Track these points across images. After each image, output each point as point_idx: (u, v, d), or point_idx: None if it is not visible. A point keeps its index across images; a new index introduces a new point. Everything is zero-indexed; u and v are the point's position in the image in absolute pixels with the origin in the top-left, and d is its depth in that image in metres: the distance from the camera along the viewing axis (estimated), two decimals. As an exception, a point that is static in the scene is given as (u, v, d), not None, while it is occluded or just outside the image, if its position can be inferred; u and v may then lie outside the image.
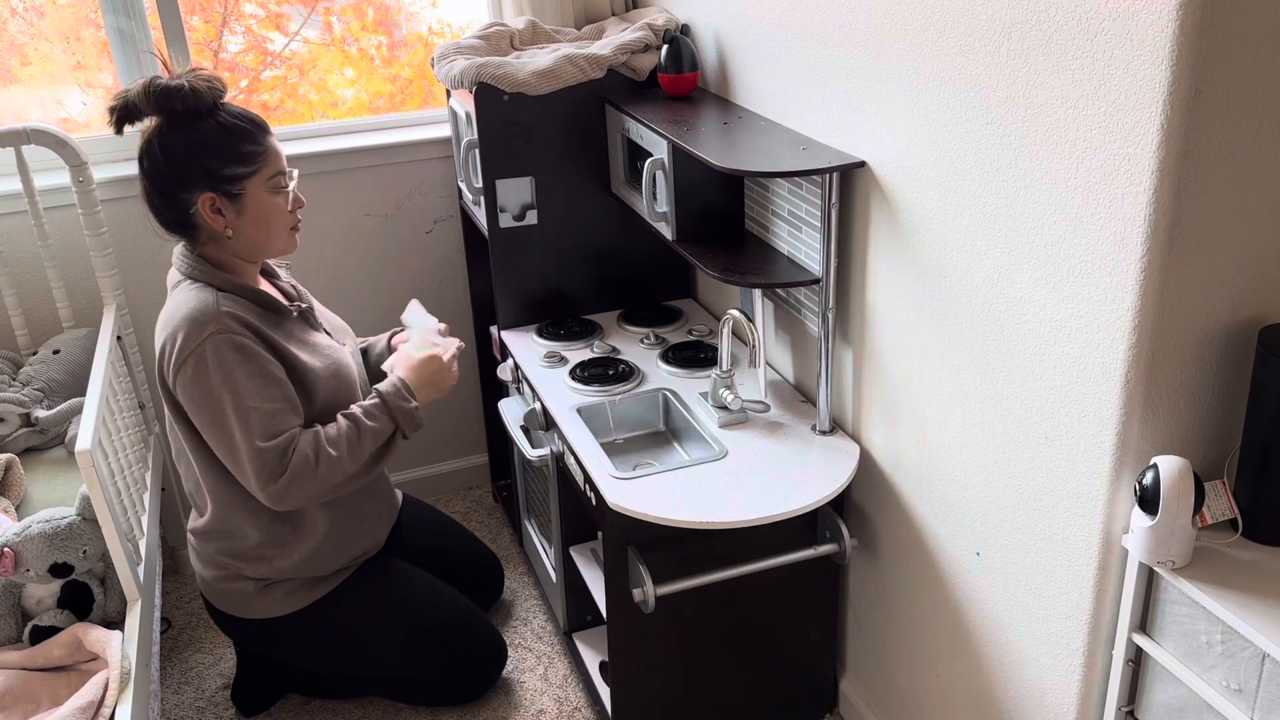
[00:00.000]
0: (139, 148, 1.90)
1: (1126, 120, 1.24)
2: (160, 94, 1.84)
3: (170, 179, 1.88)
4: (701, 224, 2.17)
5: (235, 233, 1.92)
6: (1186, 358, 1.34)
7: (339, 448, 1.92)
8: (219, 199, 1.89)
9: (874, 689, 2.12)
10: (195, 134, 1.86)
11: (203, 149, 1.86)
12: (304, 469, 1.88)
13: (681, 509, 1.81)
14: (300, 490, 1.90)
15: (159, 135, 1.88)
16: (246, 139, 1.89)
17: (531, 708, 2.31)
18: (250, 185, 1.90)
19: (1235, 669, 1.26)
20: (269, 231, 1.95)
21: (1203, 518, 1.35)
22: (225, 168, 1.87)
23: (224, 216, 1.91)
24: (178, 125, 1.87)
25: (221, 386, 1.85)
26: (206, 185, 1.87)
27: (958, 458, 1.69)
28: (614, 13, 2.64)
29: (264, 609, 2.10)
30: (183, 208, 1.89)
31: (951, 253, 1.60)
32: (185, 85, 1.85)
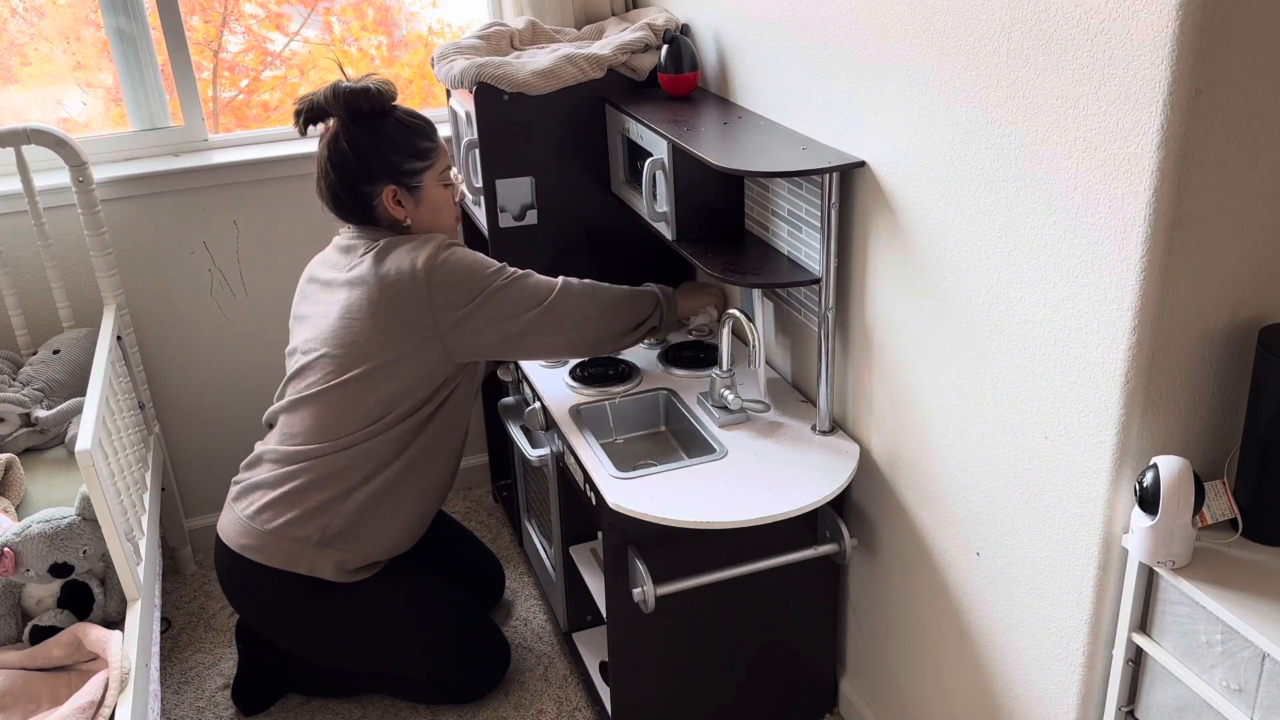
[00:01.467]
0: (323, 145, 2.07)
1: (1126, 120, 1.24)
2: (348, 95, 2.02)
3: (359, 172, 2.05)
4: (701, 224, 2.17)
5: (414, 222, 2.11)
6: (1186, 357, 1.34)
7: (605, 290, 2.12)
8: (400, 191, 2.07)
9: (874, 689, 2.12)
10: (381, 131, 2.04)
11: (388, 145, 2.05)
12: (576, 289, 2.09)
13: (681, 509, 1.81)
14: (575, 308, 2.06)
15: (346, 132, 2.05)
16: (423, 136, 2.08)
17: (531, 708, 2.32)
18: (426, 178, 2.09)
19: (1235, 669, 1.26)
20: (441, 221, 2.14)
21: (1203, 518, 1.35)
22: (406, 162, 2.06)
23: (404, 207, 2.09)
24: (362, 123, 2.05)
25: (475, 263, 2.03)
26: (390, 178, 2.06)
27: (958, 458, 1.69)
28: (614, 13, 2.64)
29: (309, 565, 2.07)
30: (366, 200, 2.08)
31: (951, 252, 1.60)
32: (371, 87, 2.04)
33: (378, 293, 2.00)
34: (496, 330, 2.03)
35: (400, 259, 2.01)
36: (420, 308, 1.99)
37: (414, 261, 1.99)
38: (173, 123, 2.68)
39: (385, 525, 2.12)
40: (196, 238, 2.65)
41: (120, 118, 2.66)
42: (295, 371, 2.12)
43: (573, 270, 2.50)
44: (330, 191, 2.09)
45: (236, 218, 2.67)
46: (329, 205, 2.12)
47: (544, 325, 2.04)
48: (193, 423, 2.80)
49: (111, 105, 2.67)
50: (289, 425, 2.11)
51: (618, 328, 2.13)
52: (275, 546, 2.08)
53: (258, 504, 2.10)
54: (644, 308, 2.16)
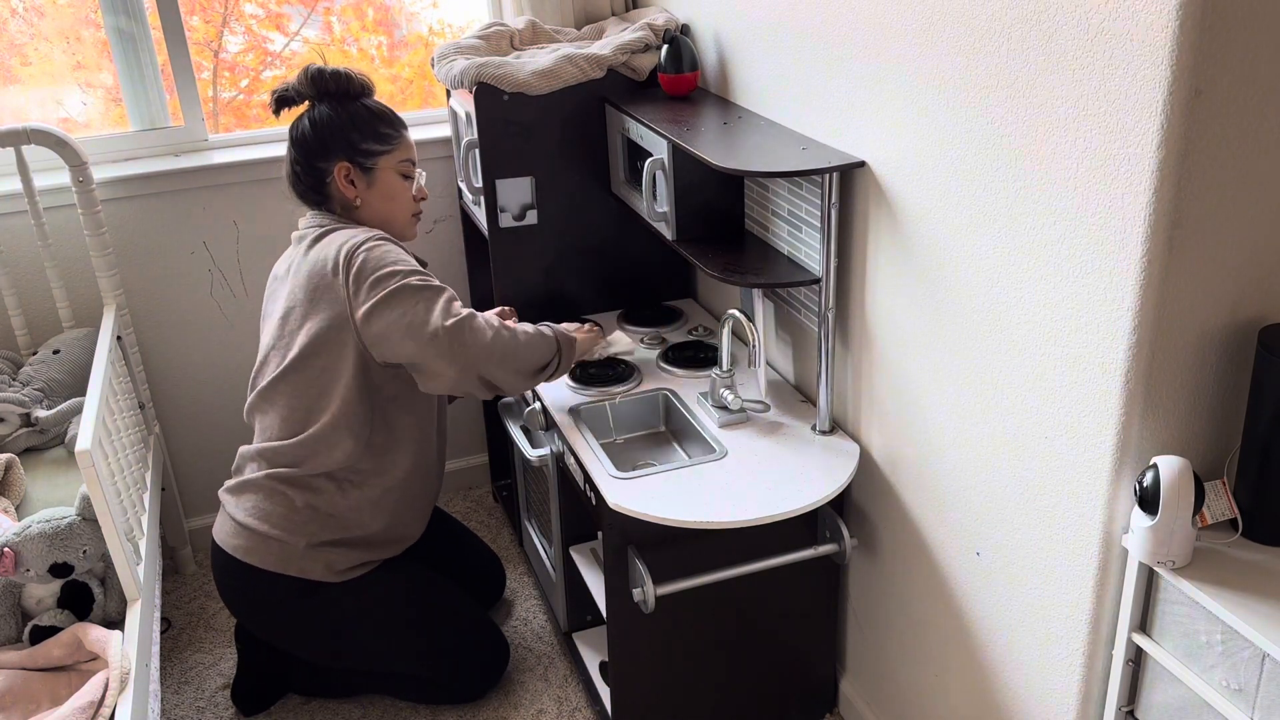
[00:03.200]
0: (292, 127, 2.13)
1: (1126, 120, 1.24)
2: (315, 75, 2.11)
3: (315, 146, 2.10)
4: (701, 224, 2.17)
5: (363, 203, 2.13)
6: (1186, 357, 1.34)
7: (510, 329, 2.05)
8: (353, 170, 2.11)
9: (874, 689, 2.12)
10: (342, 110, 2.11)
11: (347, 123, 2.10)
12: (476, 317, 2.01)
13: (681, 509, 1.81)
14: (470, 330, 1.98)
15: (311, 111, 2.13)
16: (385, 123, 2.13)
17: (531, 708, 2.32)
18: (382, 162, 2.12)
19: (1235, 669, 1.26)
20: (393, 209, 2.16)
21: (1203, 518, 1.35)
22: (363, 142, 2.10)
23: (355, 186, 2.12)
24: (328, 102, 2.12)
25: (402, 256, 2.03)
26: (344, 154, 2.10)
27: (958, 458, 1.69)
28: (614, 13, 2.64)
29: (299, 567, 2.09)
30: (320, 176, 2.11)
31: (951, 252, 1.60)
32: (341, 70, 2.12)
33: (306, 279, 2.03)
34: (400, 334, 1.97)
35: (329, 245, 2.04)
36: (339, 294, 2.00)
37: (339, 248, 2.01)
38: (173, 123, 2.68)
39: (364, 522, 2.12)
40: (196, 238, 2.65)
41: (120, 118, 2.66)
42: (259, 366, 2.14)
43: (573, 270, 2.50)
44: (290, 169, 2.14)
45: (236, 218, 2.67)
46: (289, 183, 2.16)
47: (440, 346, 1.96)
48: (193, 423, 2.80)
49: (111, 105, 2.67)
50: (261, 422, 2.14)
51: (514, 368, 2.04)
52: (266, 548, 2.09)
53: (246, 505, 2.11)
54: (544, 354, 2.09)
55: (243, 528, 2.10)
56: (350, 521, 2.11)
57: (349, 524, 2.11)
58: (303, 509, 2.08)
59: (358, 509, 2.11)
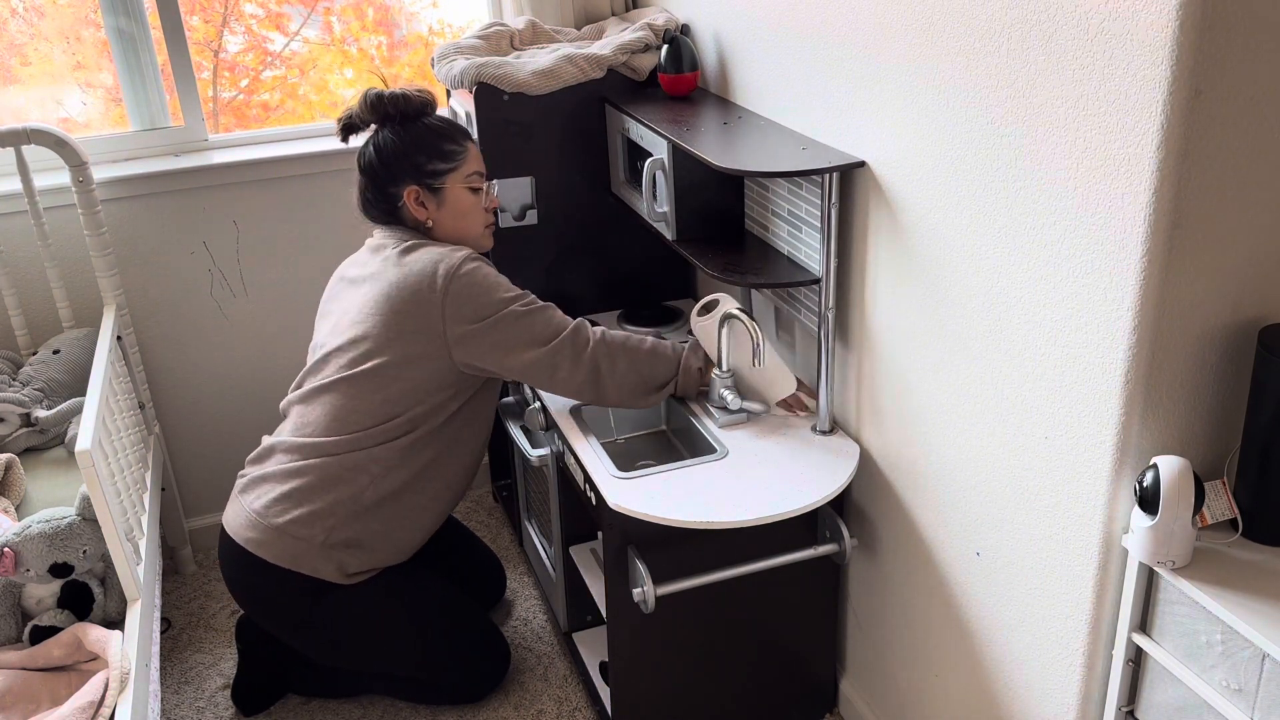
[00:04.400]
0: (359, 154, 2.15)
1: (1126, 120, 1.24)
2: (375, 100, 2.12)
3: (383, 173, 2.12)
4: (701, 224, 2.17)
5: (436, 224, 2.14)
6: (1186, 357, 1.34)
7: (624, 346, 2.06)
8: (423, 192, 2.11)
9: (874, 689, 2.12)
10: (405, 133, 2.11)
11: (411, 145, 2.10)
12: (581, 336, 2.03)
13: (681, 509, 1.81)
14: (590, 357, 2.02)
15: (376, 137, 2.14)
16: (448, 139, 2.12)
17: (531, 708, 2.32)
18: (450, 180, 2.12)
19: (1235, 669, 1.26)
20: (466, 225, 2.15)
21: (1203, 518, 1.35)
22: (429, 163, 2.10)
23: (426, 208, 2.12)
24: (391, 127, 2.12)
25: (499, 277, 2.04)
26: (412, 179, 2.10)
27: (958, 458, 1.69)
28: (614, 13, 2.64)
29: (312, 565, 2.08)
30: (392, 200, 2.13)
31: (951, 252, 1.60)
32: (398, 92, 2.12)
33: (395, 290, 2.01)
34: (502, 357, 2.02)
35: (423, 260, 2.03)
36: (433, 313, 1.99)
37: (436, 266, 2.00)
38: (173, 123, 2.68)
39: (390, 533, 2.12)
40: (196, 238, 2.65)
41: (120, 118, 2.66)
42: (314, 364, 2.13)
43: (573, 270, 2.50)
44: (361, 194, 2.17)
45: (236, 218, 2.67)
46: (360, 208, 2.18)
47: (546, 366, 2.02)
48: (193, 423, 2.80)
49: (111, 105, 2.67)
50: (302, 416, 2.12)
51: (629, 388, 2.06)
52: (280, 543, 2.08)
53: (266, 498, 2.10)
54: (664, 370, 2.09)
55: (259, 520, 2.09)
56: (373, 533, 2.10)
57: (369, 523, 2.10)
58: (327, 507, 2.06)
59: (386, 525, 2.10)
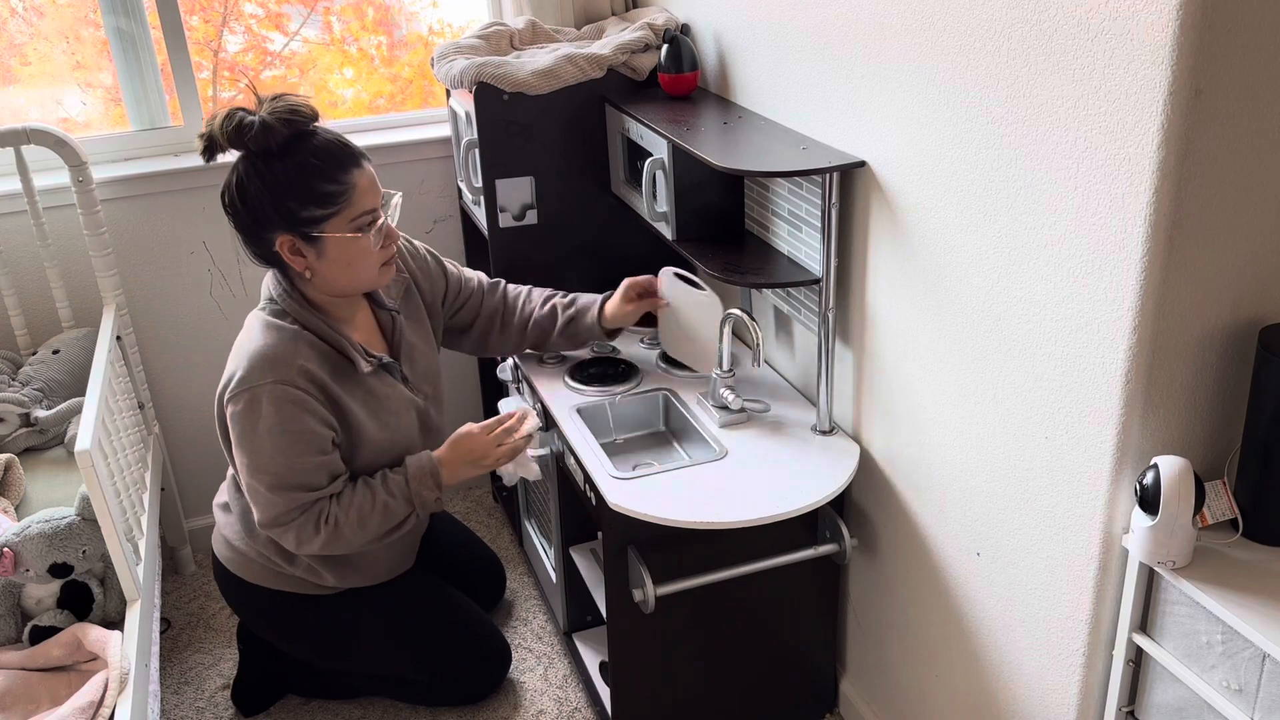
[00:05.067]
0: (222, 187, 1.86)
1: (1126, 120, 1.24)
2: (234, 130, 1.77)
3: (247, 219, 1.83)
4: (701, 224, 2.17)
5: (315, 275, 1.86)
6: (1187, 358, 1.33)
7: (349, 518, 1.91)
8: (297, 241, 1.82)
9: (874, 689, 2.12)
10: (269, 174, 1.78)
11: (277, 190, 1.78)
12: (306, 530, 1.91)
13: (681, 509, 1.81)
14: (295, 542, 1.93)
15: (235, 173, 1.82)
16: (324, 179, 1.79)
17: (531, 708, 2.31)
18: (329, 227, 1.81)
19: (1235, 669, 1.26)
20: (352, 273, 1.87)
21: (1203, 518, 1.35)
22: (301, 210, 1.79)
23: (304, 258, 1.84)
24: (253, 163, 1.80)
25: (265, 433, 1.83)
26: (283, 228, 1.81)
27: (958, 458, 1.69)
28: (614, 12, 2.64)
29: (290, 583, 2.10)
30: (265, 245, 1.85)
31: (951, 252, 1.60)
32: (255, 122, 1.76)
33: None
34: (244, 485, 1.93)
35: (237, 353, 1.89)
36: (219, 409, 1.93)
37: (235, 370, 1.86)
38: (172, 123, 2.67)
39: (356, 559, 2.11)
40: (196, 238, 2.65)
41: (120, 118, 2.66)
42: None
43: (573, 270, 2.50)
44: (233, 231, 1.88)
45: (236, 218, 2.66)
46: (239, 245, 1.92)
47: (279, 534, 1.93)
48: (193, 423, 2.80)
49: (111, 105, 2.67)
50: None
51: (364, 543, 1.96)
52: (257, 567, 2.11)
53: (233, 529, 2.12)
54: (398, 514, 1.95)
55: (235, 544, 2.12)
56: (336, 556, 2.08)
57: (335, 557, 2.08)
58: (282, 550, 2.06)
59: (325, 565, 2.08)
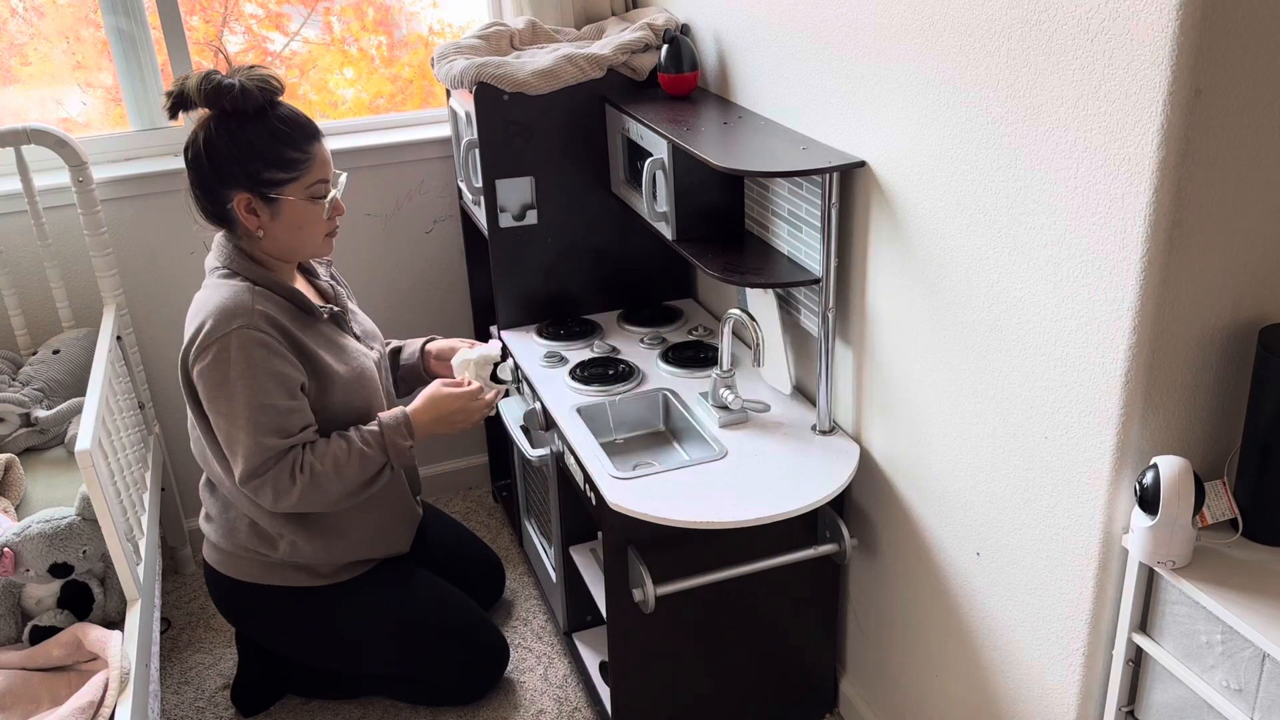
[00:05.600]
0: (187, 138, 1.92)
1: (1126, 120, 1.24)
2: (212, 90, 1.86)
3: (210, 175, 1.90)
4: (701, 224, 2.17)
5: (267, 234, 1.94)
6: (1186, 358, 1.34)
7: (325, 467, 1.93)
8: (255, 200, 1.90)
9: (874, 689, 2.12)
10: (241, 135, 1.87)
11: (245, 151, 1.87)
12: (283, 479, 1.91)
13: (681, 509, 1.81)
14: (273, 495, 1.92)
15: (205, 130, 1.89)
16: (291, 145, 1.90)
17: (531, 708, 2.31)
18: (288, 190, 1.91)
19: (1235, 669, 1.26)
20: (302, 237, 1.97)
21: (1203, 518, 1.35)
22: (265, 171, 1.89)
23: (258, 217, 1.92)
24: (225, 123, 1.88)
25: (238, 379, 1.87)
26: (245, 186, 1.89)
27: (958, 458, 1.69)
28: (614, 13, 2.64)
29: (281, 576, 2.10)
30: (220, 202, 1.92)
31: (951, 252, 1.60)
32: (236, 84, 1.86)
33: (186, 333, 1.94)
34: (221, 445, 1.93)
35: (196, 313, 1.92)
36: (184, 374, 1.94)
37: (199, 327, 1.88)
38: (173, 123, 2.67)
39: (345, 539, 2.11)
40: (196, 238, 2.65)
41: (120, 118, 2.66)
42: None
43: (573, 270, 2.50)
44: (189, 188, 1.95)
45: (236, 218, 2.67)
46: (190, 202, 1.97)
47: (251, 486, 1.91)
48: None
49: (111, 105, 2.67)
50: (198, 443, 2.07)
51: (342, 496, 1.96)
52: (246, 563, 2.10)
53: (217, 525, 2.12)
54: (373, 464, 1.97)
55: (221, 544, 2.12)
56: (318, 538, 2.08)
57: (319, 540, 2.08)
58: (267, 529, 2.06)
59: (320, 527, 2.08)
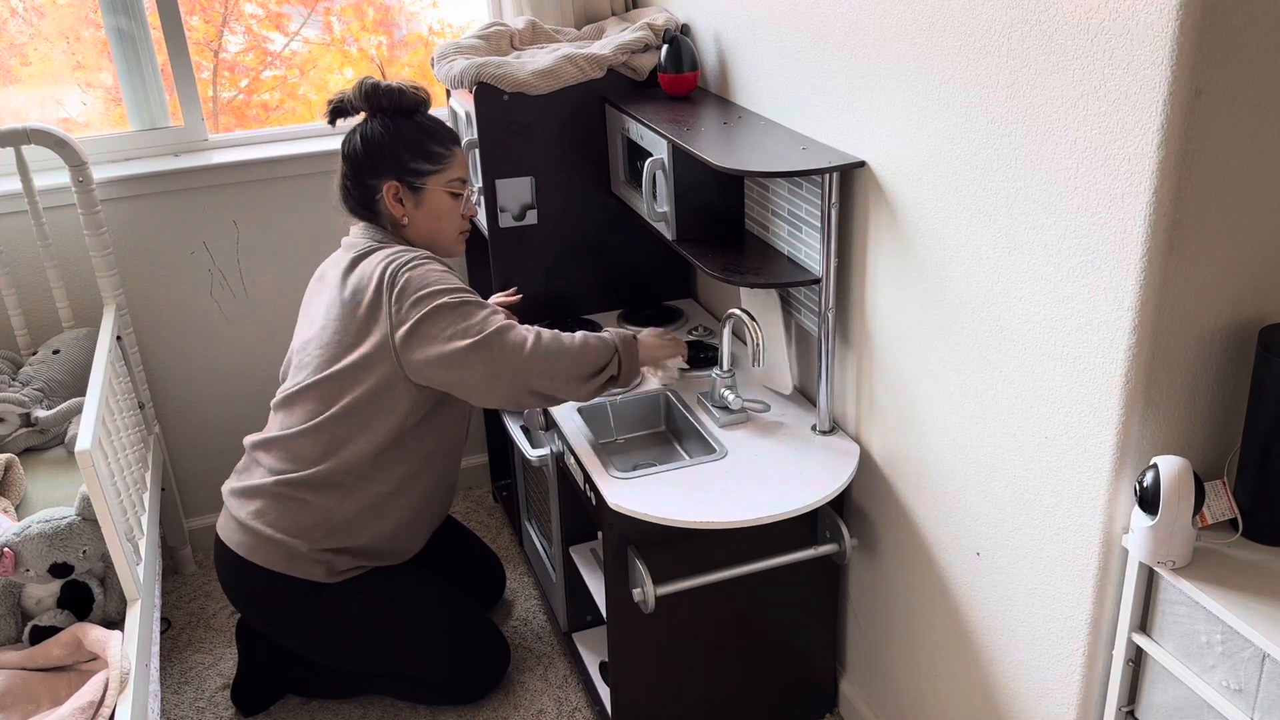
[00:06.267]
0: (344, 137, 2.14)
1: (1126, 120, 1.24)
2: (370, 90, 2.10)
3: (365, 163, 2.09)
4: (701, 224, 2.17)
5: (410, 222, 2.12)
6: (1186, 358, 1.34)
7: (548, 334, 2.00)
8: (402, 188, 2.10)
9: (874, 689, 2.12)
10: (394, 128, 2.09)
11: (398, 141, 2.08)
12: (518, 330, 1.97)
13: (681, 509, 1.81)
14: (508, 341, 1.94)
15: (363, 127, 2.12)
16: (436, 140, 2.10)
17: (531, 708, 2.32)
18: (431, 182, 2.10)
19: (1235, 669, 1.26)
20: (440, 228, 2.14)
21: (1203, 518, 1.35)
22: (413, 161, 2.08)
23: (403, 205, 2.11)
24: (381, 119, 2.10)
25: (440, 278, 2.00)
26: (394, 174, 2.09)
27: (958, 458, 1.69)
28: (614, 13, 2.64)
29: (301, 569, 2.10)
30: (370, 192, 2.11)
31: (951, 252, 1.60)
32: (394, 85, 2.10)
33: (351, 294, 2.02)
34: (436, 351, 1.95)
35: (373, 263, 2.03)
36: (379, 313, 1.99)
37: (384, 266, 2.00)
38: (173, 123, 2.68)
39: (375, 541, 2.13)
40: (196, 238, 2.65)
41: (120, 118, 2.66)
42: (289, 365, 2.16)
43: (573, 270, 2.50)
44: (341, 181, 2.14)
45: (236, 218, 2.67)
46: (339, 197, 2.16)
47: (478, 359, 1.94)
48: (193, 423, 2.80)
49: (111, 105, 2.67)
50: (280, 423, 2.13)
51: (564, 374, 1.98)
52: (269, 548, 2.09)
53: (251, 507, 2.11)
54: (599, 356, 2.01)
55: (248, 527, 2.11)
56: (355, 529, 2.11)
57: (353, 532, 2.11)
58: (310, 516, 2.08)
59: (363, 517, 2.10)
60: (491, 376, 1.95)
